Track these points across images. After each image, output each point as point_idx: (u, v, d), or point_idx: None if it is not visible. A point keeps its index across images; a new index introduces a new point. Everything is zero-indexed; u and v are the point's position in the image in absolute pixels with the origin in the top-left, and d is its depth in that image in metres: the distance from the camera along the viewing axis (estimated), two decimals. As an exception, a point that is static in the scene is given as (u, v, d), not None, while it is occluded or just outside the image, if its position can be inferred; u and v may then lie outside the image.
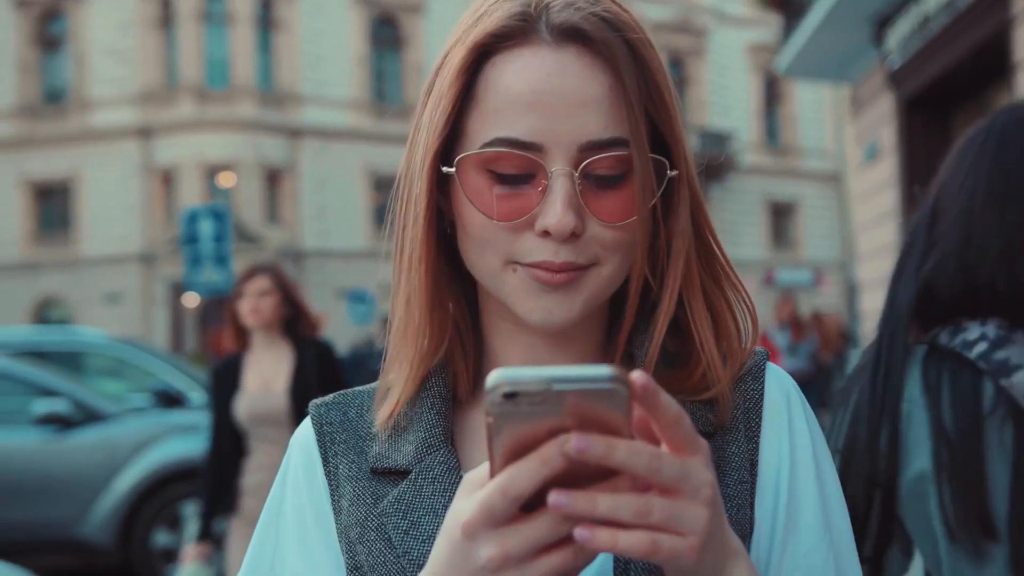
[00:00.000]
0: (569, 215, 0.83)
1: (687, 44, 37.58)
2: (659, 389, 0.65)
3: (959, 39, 10.88)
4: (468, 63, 0.87)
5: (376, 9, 32.46)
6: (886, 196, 13.69)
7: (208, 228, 14.41)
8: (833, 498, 0.94)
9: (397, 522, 0.90)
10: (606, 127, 0.84)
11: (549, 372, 0.63)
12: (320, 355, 4.15)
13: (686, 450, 0.68)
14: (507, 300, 0.90)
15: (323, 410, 1.00)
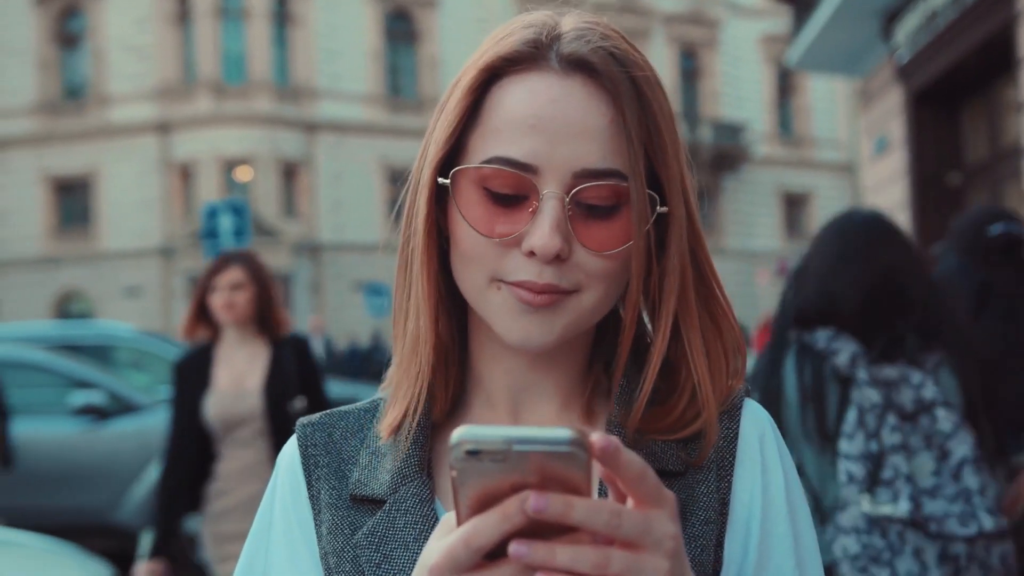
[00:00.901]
0: (556, 237, 0.85)
1: (700, 35, 37.62)
2: (620, 449, 0.66)
3: (966, 34, 11.03)
4: (478, 83, 0.90)
5: (391, 4, 32.64)
6: (896, 188, 13.82)
7: (228, 223, 14.73)
8: (805, 536, 0.95)
9: (370, 555, 0.91)
10: (603, 157, 0.86)
11: (510, 432, 0.65)
12: (298, 353, 3.87)
13: (650, 504, 0.69)
14: (489, 318, 0.91)
15: (309, 430, 1.00)
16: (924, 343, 2.39)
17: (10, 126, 30.99)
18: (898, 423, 2.31)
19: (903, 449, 2.29)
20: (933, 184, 12.90)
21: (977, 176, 12.72)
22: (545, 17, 0.93)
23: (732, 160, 36.66)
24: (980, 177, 12.64)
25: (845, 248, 2.48)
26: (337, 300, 30.43)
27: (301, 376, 3.80)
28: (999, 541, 2.27)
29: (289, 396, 3.74)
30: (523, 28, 0.91)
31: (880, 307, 2.43)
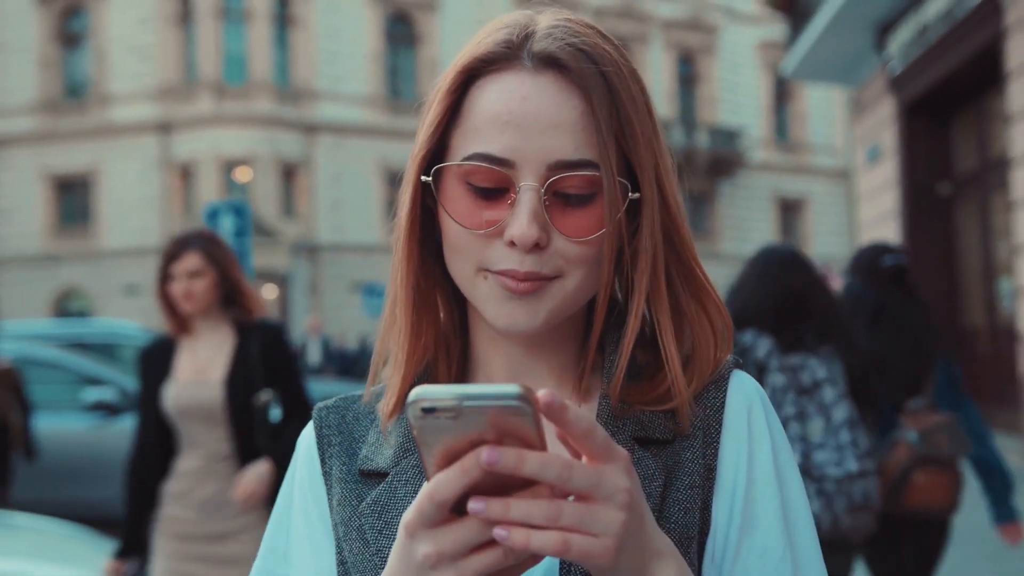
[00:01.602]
0: (533, 227, 0.89)
1: (698, 41, 37.83)
2: (565, 406, 0.70)
3: (956, 47, 11.24)
4: (456, 84, 0.94)
5: (391, 6, 32.82)
6: (888, 196, 14.01)
7: (229, 223, 14.86)
8: (795, 502, 0.97)
9: (373, 522, 0.95)
10: (576, 149, 0.90)
11: (460, 389, 0.69)
12: (268, 341, 3.54)
13: (602, 458, 0.73)
14: (479, 306, 0.95)
15: (323, 413, 1.06)
16: (820, 339, 3.30)
17: (11, 124, 31.15)
18: (796, 398, 3.19)
19: (799, 417, 3.18)
20: (924, 193, 13.12)
21: (966, 186, 12.93)
22: (521, 17, 0.97)
23: (728, 165, 36.86)
24: (969, 187, 12.85)
25: (765, 272, 3.39)
26: (335, 301, 30.60)
27: (270, 366, 3.50)
28: (861, 480, 3.15)
29: (254, 387, 3.46)
30: (498, 29, 0.95)
31: (788, 314, 3.32)
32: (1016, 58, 9.61)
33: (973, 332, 12.66)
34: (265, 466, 3.41)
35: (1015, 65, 9.67)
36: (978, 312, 12.58)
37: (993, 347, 11.87)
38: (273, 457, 3.43)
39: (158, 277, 3.50)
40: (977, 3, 10.27)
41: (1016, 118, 9.71)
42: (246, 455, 3.44)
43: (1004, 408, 11.22)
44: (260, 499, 3.40)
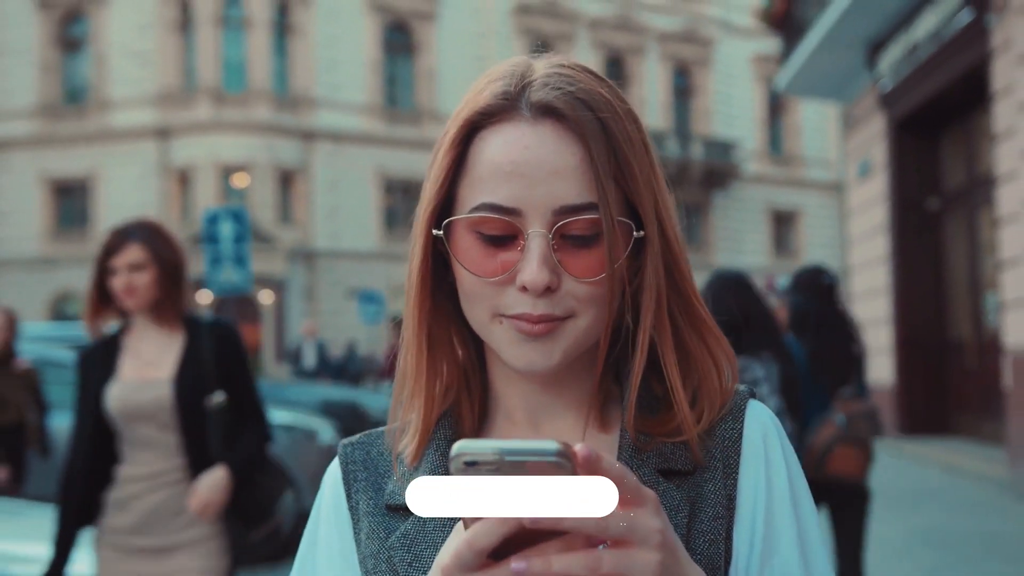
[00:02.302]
0: (544, 271, 0.91)
1: (694, 54, 38.16)
2: (600, 457, 0.73)
3: (944, 67, 11.49)
4: (459, 138, 0.97)
5: (390, 16, 33.07)
6: (878, 211, 14.26)
7: (228, 229, 15.06)
8: (809, 527, 1.00)
9: (403, 555, 0.98)
10: (579, 193, 0.93)
11: (502, 445, 0.72)
12: (221, 340, 3.31)
13: (634, 503, 0.75)
14: (497, 349, 0.98)
15: (349, 449, 1.09)
16: (760, 346, 3.99)
17: (11, 128, 31.31)
18: None
19: None
20: (913, 208, 13.38)
21: (954, 202, 13.19)
22: (517, 65, 0.99)
23: (722, 177, 37.16)
24: (957, 203, 13.11)
25: (717, 293, 3.98)
26: (331, 307, 30.79)
27: (223, 367, 3.26)
28: None
29: (205, 389, 3.22)
30: (495, 80, 0.98)
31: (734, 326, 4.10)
32: (1001, 79, 9.88)
33: (960, 345, 12.90)
34: (221, 473, 3.18)
35: (1000, 86, 9.92)
36: (965, 325, 12.82)
37: (980, 360, 12.12)
38: (229, 464, 3.20)
39: (95, 270, 3.22)
40: (964, 24, 10.54)
41: (1002, 137, 9.98)
42: (197, 462, 3.18)
43: (990, 419, 11.47)
44: (216, 509, 3.18)
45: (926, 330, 13.19)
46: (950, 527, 8.19)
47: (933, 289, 13.24)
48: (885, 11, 12.19)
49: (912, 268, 13.27)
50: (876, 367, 14.16)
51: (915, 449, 12.56)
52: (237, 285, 15.16)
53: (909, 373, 13.22)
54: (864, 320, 14.99)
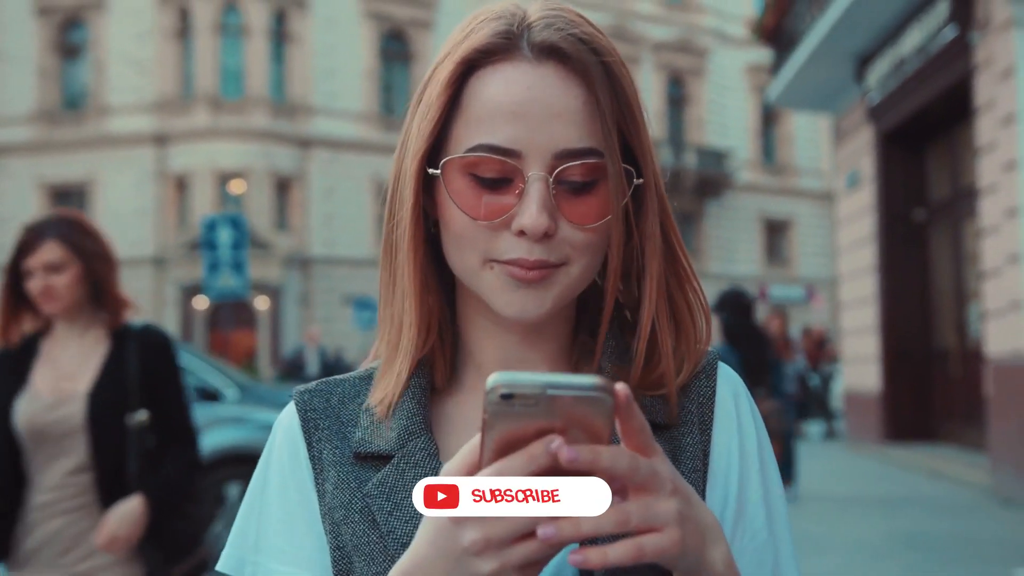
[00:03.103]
0: (543, 216, 0.89)
1: (688, 64, 38.44)
2: (632, 402, 0.72)
3: (930, 82, 11.75)
4: (456, 76, 0.93)
5: (386, 24, 33.31)
6: (866, 221, 14.50)
7: (227, 236, 15.27)
8: (773, 487, 1.00)
9: (381, 504, 0.94)
10: (580, 137, 0.90)
11: (544, 378, 0.69)
12: (150, 350, 2.92)
13: (649, 452, 0.74)
14: (485, 296, 0.95)
15: (306, 396, 1.04)
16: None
17: (9, 133, 31.46)
18: None
19: None
20: (900, 219, 13.64)
21: (940, 213, 13.45)
22: (510, 7, 0.96)
23: (715, 186, 37.40)
24: (942, 214, 13.37)
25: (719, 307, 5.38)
26: (326, 313, 30.96)
27: (150, 381, 2.89)
28: None
29: (127, 405, 2.85)
30: (492, 19, 0.95)
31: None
32: (983, 95, 10.14)
33: (945, 354, 13.16)
34: (136, 504, 2.79)
35: (982, 102, 10.18)
36: (950, 335, 13.08)
37: (964, 369, 12.36)
38: (147, 493, 2.82)
39: (7, 273, 2.87)
40: (949, 40, 10.80)
41: (984, 151, 10.24)
42: (111, 488, 2.81)
43: (973, 427, 11.72)
44: (125, 545, 2.79)
45: (912, 339, 13.44)
46: (931, 530, 8.42)
47: (919, 299, 13.50)
48: (873, 26, 12.45)
49: (899, 278, 13.53)
50: (863, 375, 14.41)
51: (900, 455, 12.81)
52: (235, 291, 15.37)
53: (895, 381, 13.47)
54: (852, 329, 15.26)
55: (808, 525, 8.51)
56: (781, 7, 15.27)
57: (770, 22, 15.87)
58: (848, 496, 10.67)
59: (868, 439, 14.14)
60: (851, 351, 15.33)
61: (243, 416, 7.85)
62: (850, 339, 15.42)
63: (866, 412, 14.28)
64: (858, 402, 14.84)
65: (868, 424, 14.14)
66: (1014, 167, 9.20)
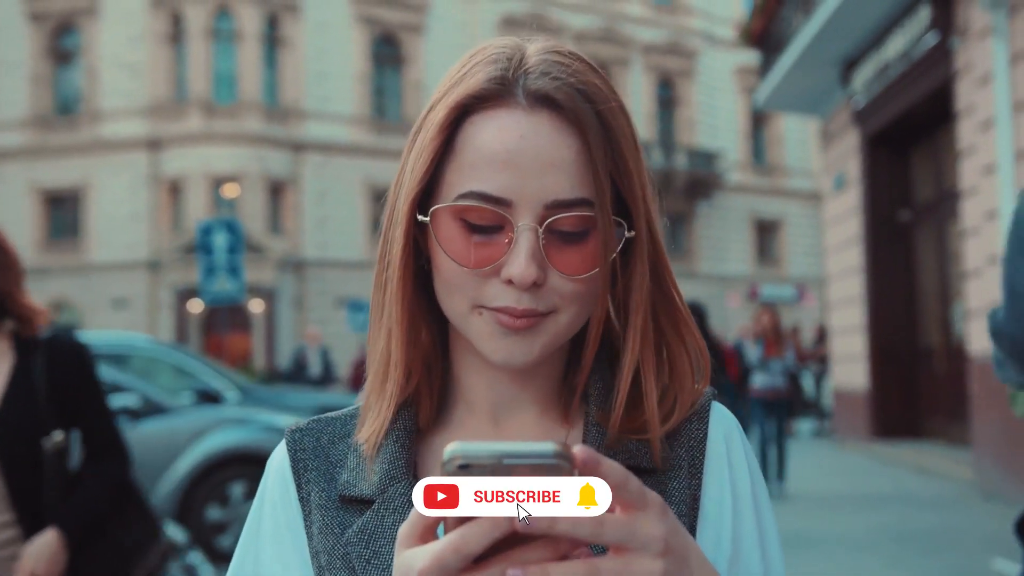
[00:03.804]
0: (532, 267, 0.89)
1: (677, 66, 38.69)
2: (600, 459, 0.69)
3: (913, 86, 12.00)
4: (449, 121, 0.92)
5: (378, 28, 33.48)
6: (852, 222, 14.75)
7: (222, 240, 15.45)
8: (768, 530, 0.99)
9: (360, 551, 0.94)
10: (572, 188, 0.90)
11: (500, 448, 0.69)
12: (62, 362, 2.61)
13: (635, 507, 0.71)
14: (473, 341, 0.95)
15: (297, 436, 1.04)
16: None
17: (2, 139, 31.60)
18: None
19: None
20: (885, 220, 13.89)
21: (924, 214, 13.71)
22: (509, 49, 0.95)
23: (706, 187, 37.66)
24: (927, 215, 13.63)
25: None
26: (320, 315, 31.11)
27: (64, 396, 2.59)
28: None
29: (40, 425, 2.55)
30: (489, 63, 0.94)
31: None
32: (964, 99, 10.39)
33: (930, 352, 13.41)
34: (51, 537, 2.53)
35: (963, 106, 10.43)
36: (935, 333, 13.33)
37: (948, 366, 12.61)
38: (63, 524, 2.56)
39: None
40: (930, 46, 11.05)
41: (965, 154, 10.49)
42: (31, 520, 2.54)
43: (958, 423, 11.98)
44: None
45: (898, 338, 13.70)
46: (916, 523, 8.66)
47: (905, 298, 13.75)
48: (858, 31, 12.69)
49: (885, 278, 13.78)
50: (851, 373, 14.67)
51: (887, 451, 13.06)
52: (231, 295, 15.55)
53: (882, 379, 13.72)
54: (840, 328, 15.51)
55: (795, 521, 8.75)
56: (768, 12, 15.50)
57: (757, 27, 16.11)
58: (835, 492, 10.91)
59: (856, 436, 14.39)
60: (839, 350, 15.58)
61: (245, 417, 8.08)
62: (838, 338, 15.67)
63: (854, 410, 14.54)
64: (846, 400, 15.10)
65: (856, 421, 14.40)
66: (993, 171, 9.45)
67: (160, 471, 7.73)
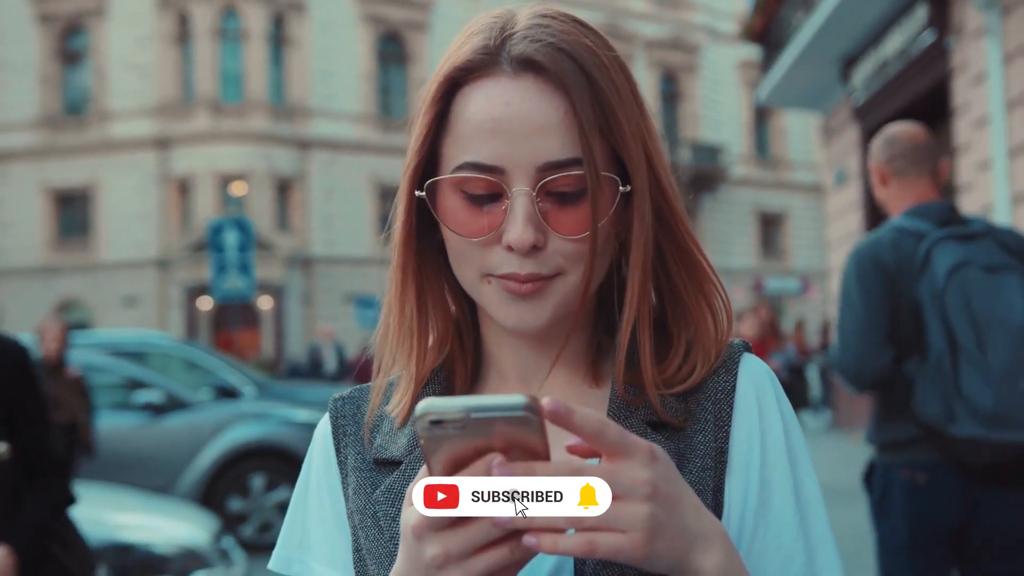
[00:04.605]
0: (529, 230, 0.89)
1: (680, 60, 38.83)
2: (571, 410, 0.70)
3: (911, 83, 12.19)
4: (439, 94, 0.94)
5: (383, 26, 33.62)
6: (852, 217, 14.95)
7: (232, 238, 15.69)
8: (807, 484, 0.97)
9: (387, 509, 0.96)
10: (562, 148, 0.89)
11: (467, 402, 0.70)
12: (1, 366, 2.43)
13: (619, 454, 0.72)
14: (486, 308, 0.96)
15: (339, 404, 1.07)
16: None
17: (13, 139, 31.80)
18: None
19: None
20: (885, 216, 14.06)
21: (923, 208, 13.87)
22: (498, 18, 0.96)
23: (710, 180, 37.80)
24: (926, 209, 13.79)
25: None
26: (328, 312, 31.30)
27: (3, 404, 2.41)
28: None
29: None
30: (475, 34, 0.95)
31: None
32: (960, 97, 10.61)
33: (930, 343, 13.60)
34: (1, 555, 2.38)
35: (959, 103, 10.65)
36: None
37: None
38: (11, 541, 2.40)
39: None
40: (927, 45, 11.27)
41: (961, 150, 10.72)
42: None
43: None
44: None
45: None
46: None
47: (905, 291, 13.91)
48: (857, 29, 12.89)
49: (885, 271, 13.95)
50: (853, 365, 14.85)
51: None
52: (242, 292, 15.81)
53: (884, 370, 13.89)
54: (842, 320, 15.69)
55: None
56: (769, 10, 15.70)
57: (759, 24, 16.30)
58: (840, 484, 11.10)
59: (859, 427, 14.61)
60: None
61: (263, 412, 8.37)
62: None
63: (857, 401, 14.77)
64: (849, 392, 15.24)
65: (858, 413, 14.62)
66: (988, 167, 9.69)
67: (183, 464, 8.02)
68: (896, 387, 3.07)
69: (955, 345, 2.90)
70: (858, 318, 3.09)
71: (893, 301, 3.05)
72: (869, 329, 3.06)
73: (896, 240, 3.14)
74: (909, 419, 3.03)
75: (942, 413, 2.91)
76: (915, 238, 3.08)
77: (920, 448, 3.04)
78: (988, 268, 2.95)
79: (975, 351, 2.88)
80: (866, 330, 3.06)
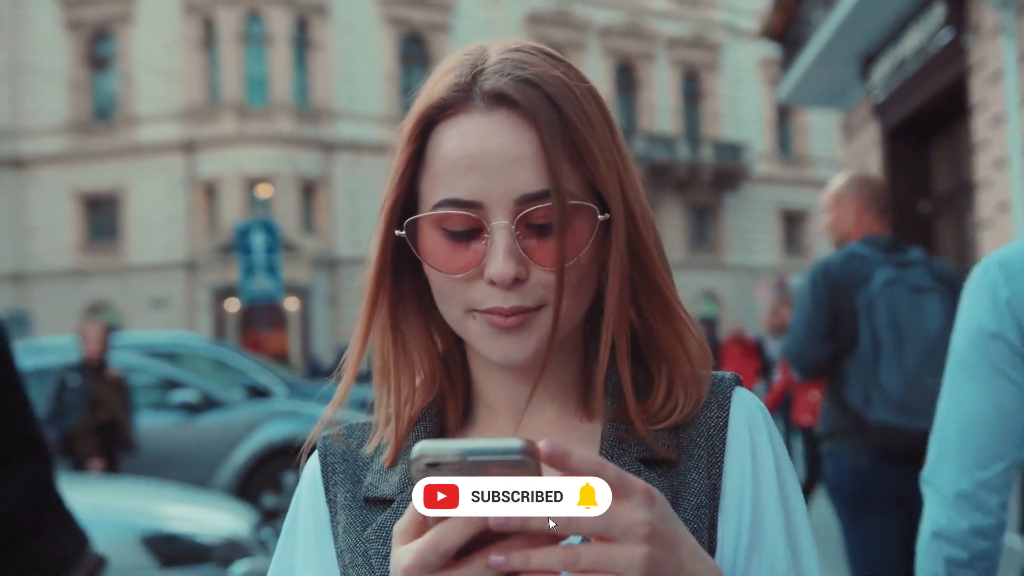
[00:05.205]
0: (510, 263, 0.89)
1: (702, 59, 38.88)
2: (568, 453, 0.70)
3: (929, 81, 12.29)
4: (415, 133, 0.94)
5: (405, 28, 33.87)
6: (873, 214, 15.00)
7: (260, 240, 15.94)
8: (798, 520, 0.97)
9: (377, 548, 0.95)
10: (538, 181, 0.90)
11: (464, 445, 0.69)
12: None
13: (615, 496, 0.71)
14: (472, 343, 0.96)
15: (328, 442, 1.05)
16: None
17: (42, 144, 32.26)
18: None
19: None
20: (906, 211, 14.17)
21: (943, 205, 14.01)
22: (470, 55, 0.96)
23: (733, 179, 37.85)
24: (946, 206, 13.93)
25: None
26: (354, 313, 30.56)
27: None
28: None
29: None
30: (448, 72, 0.95)
31: None
32: (977, 95, 10.71)
33: (951, 339, 13.68)
34: None
35: (977, 100, 10.75)
36: (956, 320, 13.57)
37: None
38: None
39: None
40: (945, 43, 11.38)
41: (979, 147, 10.83)
42: None
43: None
44: None
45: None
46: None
47: (926, 287, 13.98)
48: (876, 27, 12.99)
49: (906, 268, 14.03)
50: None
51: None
52: (269, 294, 16.07)
53: (905, 366, 13.98)
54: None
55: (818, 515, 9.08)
56: (788, 8, 15.81)
57: (778, 22, 16.41)
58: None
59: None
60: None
61: (295, 410, 8.61)
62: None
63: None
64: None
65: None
66: (1005, 164, 9.80)
67: (219, 461, 8.27)
68: (836, 381, 3.72)
69: (878, 345, 3.57)
70: (804, 318, 3.76)
71: (835, 307, 3.70)
72: (812, 327, 3.73)
73: (845, 261, 3.76)
74: (845, 410, 3.65)
75: (862, 399, 3.57)
76: (861, 260, 3.72)
77: (858, 435, 3.65)
78: (915, 288, 3.63)
79: (894, 351, 3.55)
80: (810, 328, 3.74)
